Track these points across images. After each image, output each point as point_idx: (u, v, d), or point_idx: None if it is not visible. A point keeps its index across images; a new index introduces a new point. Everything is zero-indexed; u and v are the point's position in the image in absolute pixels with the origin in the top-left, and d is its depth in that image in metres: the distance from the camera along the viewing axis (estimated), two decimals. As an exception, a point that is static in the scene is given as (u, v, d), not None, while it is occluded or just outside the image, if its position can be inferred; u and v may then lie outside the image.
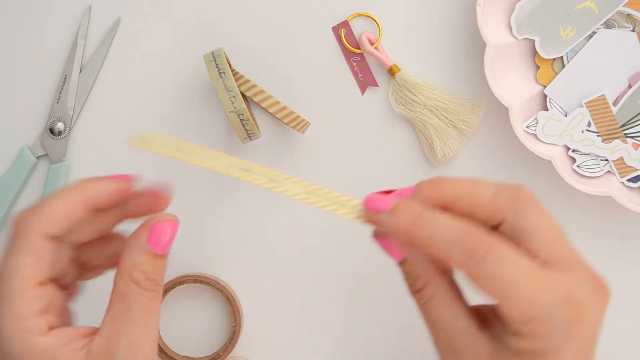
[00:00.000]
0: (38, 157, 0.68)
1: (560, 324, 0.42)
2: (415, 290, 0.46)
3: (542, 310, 0.42)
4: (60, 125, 0.67)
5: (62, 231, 0.46)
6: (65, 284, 0.49)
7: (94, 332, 0.46)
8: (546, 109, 0.64)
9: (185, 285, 0.66)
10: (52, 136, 0.67)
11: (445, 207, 0.45)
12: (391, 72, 0.66)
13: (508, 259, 0.42)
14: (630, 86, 0.63)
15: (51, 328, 0.45)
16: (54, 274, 0.46)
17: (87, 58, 0.68)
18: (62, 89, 0.67)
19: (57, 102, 0.67)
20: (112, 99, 0.68)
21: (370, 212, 0.46)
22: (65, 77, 0.67)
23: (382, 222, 0.45)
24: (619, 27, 0.63)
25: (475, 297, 0.46)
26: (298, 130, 0.64)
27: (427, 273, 0.46)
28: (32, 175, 0.68)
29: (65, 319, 0.48)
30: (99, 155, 0.68)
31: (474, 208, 0.45)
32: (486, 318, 0.46)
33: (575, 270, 0.44)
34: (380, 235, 0.47)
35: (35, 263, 0.44)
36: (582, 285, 0.44)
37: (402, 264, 0.47)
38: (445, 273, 0.47)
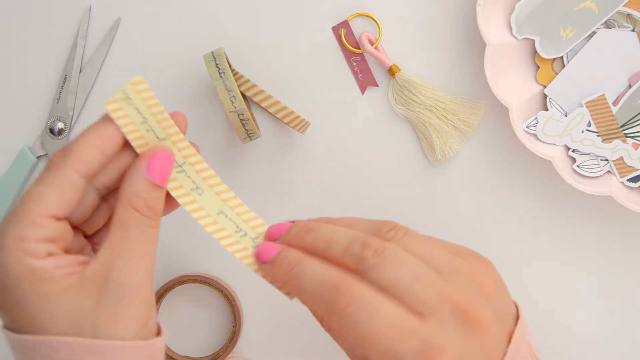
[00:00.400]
0: (38, 157, 0.68)
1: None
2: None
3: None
4: (60, 125, 0.67)
5: (98, 165, 0.48)
6: (88, 234, 0.52)
7: (90, 261, 0.47)
8: (546, 109, 0.64)
9: (185, 285, 0.66)
10: (52, 136, 0.67)
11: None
12: (391, 72, 0.66)
13: (367, 311, 0.44)
14: (630, 86, 0.63)
15: (50, 255, 0.46)
16: (73, 214, 0.49)
17: (87, 58, 0.68)
18: (62, 89, 0.67)
19: (57, 102, 0.67)
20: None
21: (259, 263, 0.50)
22: (65, 77, 0.67)
23: (266, 273, 0.49)
24: (619, 27, 0.63)
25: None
26: (298, 130, 0.64)
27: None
28: (32, 175, 0.68)
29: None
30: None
31: (331, 261, 0.47)
32: None
33: (436, 312, 0.44)
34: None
35: (56, 196, 0.46)
36: (444, 327, 0.44)
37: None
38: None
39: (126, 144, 0.49)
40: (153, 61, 0.67)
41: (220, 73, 0.60)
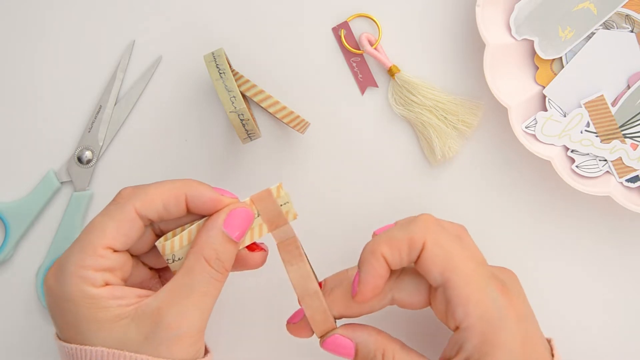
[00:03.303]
0: (62, 183, 0.67)
1: (495, 295, 0.50)
2: None
3: (480, 287, 0.50)
4: (88, 154, 0.67)
5: (155, 215, 0.51)
6: (156, 267, 0.56)
7: (149, 296, 0.50)
8: (545, 110, 0.64)
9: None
10: (79, 164, 0.67)
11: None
12: (391, 72, 0.66)
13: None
14: (628, 87, 0.63)
15: (107, 284, 0.49)
16: (133, 249, 0.52)
17: (123, 91, 0.68)
18: (95, 118, 0.67)
19: (89, 131, 0.67)
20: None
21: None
22: (100, 108, 0.67)
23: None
24: (617, 28, 0.63)
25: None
26: (298, 130, 0.64)
27: (379, 341, 0.52)
28: (54, 199, 0.68)
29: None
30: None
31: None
32: None
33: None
34: (327, 344, 0.53)
35: (115, 229, 0.50)
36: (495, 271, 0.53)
37: (355, 356, 0.52)
38: (394, 340, 0.53)
39: (192, 209, 0.52)
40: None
41: (220, 73, 0.61)
